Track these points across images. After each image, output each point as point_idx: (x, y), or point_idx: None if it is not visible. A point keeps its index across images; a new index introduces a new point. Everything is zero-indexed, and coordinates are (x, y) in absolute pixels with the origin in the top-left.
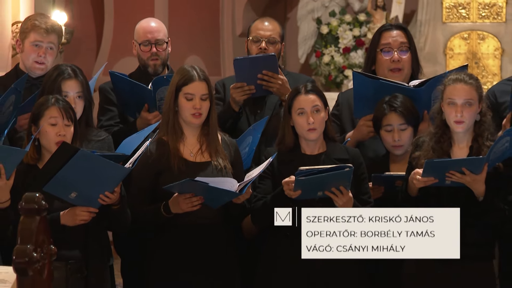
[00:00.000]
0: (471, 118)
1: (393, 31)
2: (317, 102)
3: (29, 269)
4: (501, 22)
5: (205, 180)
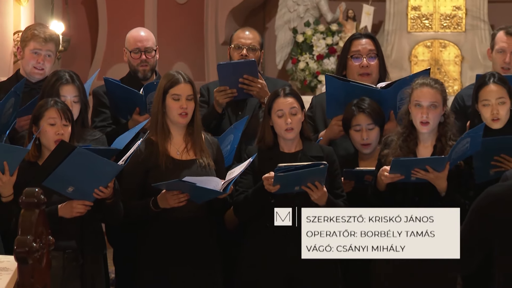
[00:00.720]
0: (435, 120)
1: (362, 39)
2: (294, 105)
3: (29, 258)
4: (461, 31)
5: (193, 180)
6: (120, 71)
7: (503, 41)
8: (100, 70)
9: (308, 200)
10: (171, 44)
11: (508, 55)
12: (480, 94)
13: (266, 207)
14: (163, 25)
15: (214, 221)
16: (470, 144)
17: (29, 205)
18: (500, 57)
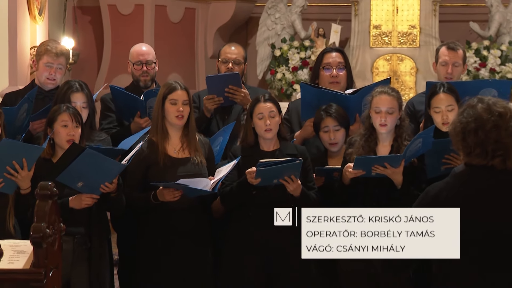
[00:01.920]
0: (392, 123)
1: (333, 53)
2: (273, 109)
3: (43, 242)
4: (415, 47)
5: (185, 182)
6: (122, 81)
7: (445, 55)
8: (105, 80)
9: (285, 192)
10: (166, 57)
11: (450, 67)
12: (432, 101)
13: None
14: (159, 41)
15: (206, 210)
16: (422, 144)
17: (43, 197)
18: (444, 69)
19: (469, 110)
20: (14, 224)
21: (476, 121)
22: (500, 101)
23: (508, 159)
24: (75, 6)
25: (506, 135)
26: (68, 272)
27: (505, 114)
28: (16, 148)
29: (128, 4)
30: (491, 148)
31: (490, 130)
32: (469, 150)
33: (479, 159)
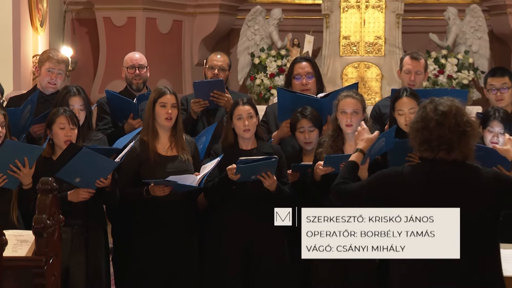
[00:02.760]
0: (357, 123)
1: (302, 62)
2: (251, 111)
3: (44, 232)
4: (381, 56)
5: (174, 179)
6: (116, 86)
7: (409, 64)
8: (100, 85)
9: (262, 187)
10: (156, 65)
11: (413, 75)
12: (396, 105)
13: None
14: (150, 50)
15: (193, 202)
16: (385, 143)
17: (44, 191)
18: (407, 76)
19: (420, 111)
20: (18, 216)
21: (423, 121)
22: (448, 101)
23: (452, 151)
24: (73, 19)
25: (449, 131)
26: (67, 260)
27: (449, 113)
28: (19, 148)
29: (121, 16)
30: (436, 144)
31: (434, 128)
32: (419, 145)
33: (427, 153)
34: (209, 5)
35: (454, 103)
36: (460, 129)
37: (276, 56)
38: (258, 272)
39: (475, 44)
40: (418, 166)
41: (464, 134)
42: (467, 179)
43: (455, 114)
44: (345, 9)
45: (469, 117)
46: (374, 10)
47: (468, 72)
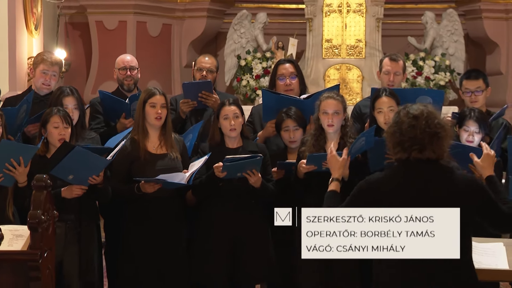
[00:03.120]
0: (338, 123)
1: (286, 64)
2: (236, 111)
3: (39, 227)
4: (361, 58)
5: (164, 177)
6: (108, 87)
7: (388, 65)
8: (93, 86)
9: (247, 183)
10: (146, 66)
11: (391, 76)
12: (375, 104)
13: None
14: (140, 52)
15: (181, 198)
16: (365, 142)
17: (39, 188)
18: (386, 77)
19: (395, 117)
20: (13, 212)
21: (396, 125)
22: (421, 105)
23: (424, 150)
24: (67, 22)
25: (420, 132)
26: (61, 253)
27: (420, 116)
28: (14, 148)
29: (113, 20)
30: (408, 144)
31: (406, 130)
32: (393, 147)
33: (400, 154)
34: (197, 9)
35: (425, 108)
36: (431, 131)
37: (261, 59)
38: (244, 266)
39: (452, 47)
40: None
41: (435, 135)
42: (442, 178)
43: (426, 117)
44: (327, 13)
45: (441, 119)
46: (355, 14)
47: (445, 73)
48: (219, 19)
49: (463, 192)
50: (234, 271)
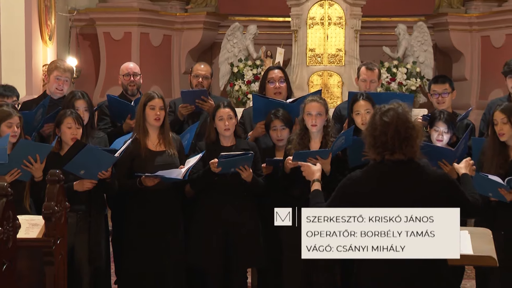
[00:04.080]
0: (321, 123)
1: (275, 70)
2: (230, 113)
3: (53, 217)
4: (341, 65)
5: (162, 173)
6: (114, 92)
7: (364, 74)
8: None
9: (239, 178)
10: (149, 73)
11: (368, 83)
12: (353, 107)
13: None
14: (143, 60)
15: (178, 191)
16: (345, 140)
17: (52, 182)
18: (363, 84)
19: (371, 119)
20: (30, 204)
21: (371, 129)
22: (392, 111)
23: (394, 153)
24: (78, 33)
25: (390, 139)
26: (72, 241)
27: (391, 123)
28: (31, 147)
29: (119, 32)
30: (380, 150)
31: (379, 136)
32: (368, 149)
33: (374, 155)
34: (194, 22)
35: (397, 113)
36: (401, 136)
37: (252, 66)
38: (236, 252)
39: (422, 55)
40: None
41: (405, 139)
42: (414, 176)
43: (396, 124)
44: (311, 25)
45: (411, 122)
46: (336, 26)
47: (416, 79)
48: (214, 31)
49: (435, 186)
50: (227, 255)
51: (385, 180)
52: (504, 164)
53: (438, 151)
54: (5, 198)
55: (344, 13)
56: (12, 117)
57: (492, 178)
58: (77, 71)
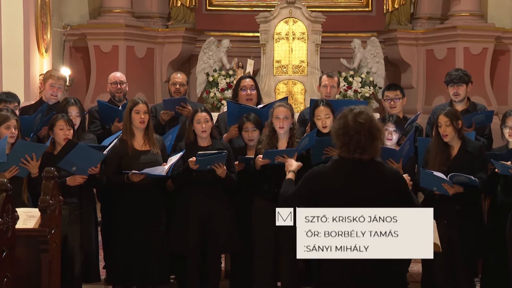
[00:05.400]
0: (287, 126)
1: (247, 79)
2: (207, 116)
3: (48, 209)
4: (304, 75)
5: (147, 171)
6: (103, 98)
7: (325, 80)
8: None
9: (215, 174)
10: (134, 81)
11: (328, 88)
12: (315, 112)
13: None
14: (129, 70)
15: (162, 185)
16: (309, 141)
17: (48, 178)
18: (324, 89)
19: (342, 119)
20: (27, 197)
21: (344, 128)
22: (364, 112)
23: (365, 153)
24: (71, 46)
25: (364, 138)
26: (65, 230)
27: (365, 124)
28: (28, 146)
29: (107, 45)
30: (353, 147)
31: (353, 135)
32: (340, 147)
33: (345, 153)
34: (174, 36)
35: (369, 116)
36: (372, 137)
37: (225, 75)
38: (212, 238)
39: (374, 66)
40: (338, 164)
41: (375, 139)
42: (376, 173)
43: (369, 125)
44: (277, 40)
45: (378, 124)
46: (299, 40)
47: (369, 87)
48: (192, 44)
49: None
50: (204, 242)
51: (352, 177)
52: (447, 161)
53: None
54: (4, 193)
55: (307, 29)
56: (10, 120)
57: (437, 174)
58: (70, 80)
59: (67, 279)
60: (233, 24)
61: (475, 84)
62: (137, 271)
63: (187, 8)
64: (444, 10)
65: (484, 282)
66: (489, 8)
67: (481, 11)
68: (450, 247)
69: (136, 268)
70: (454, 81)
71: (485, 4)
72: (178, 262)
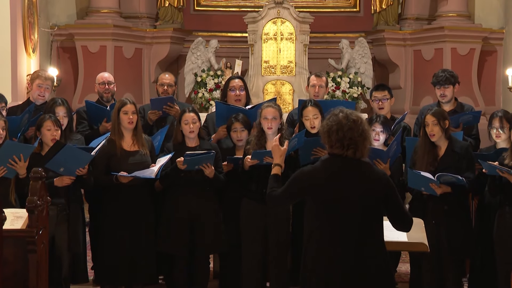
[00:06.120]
0: (276, 126)
1: (236, 79)
2: (195, 117)
3: (35, 210)
4: (292, 75)
5: (136, 173)
6: (91, 98)
7: (314, 80)
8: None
9: (203, 174)
10: (122, 82)
11: (317, 88)
12: (303, 112)
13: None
14: (117, 70)
15: (150, 186)
16: (297, 141)
17: (35, 178)
18: (312, 89)
19: (333, 117)
20: (15, 198)
21: (338, 125)
22: (355, 112)
23: (357, 151)
24: (58, 46)
25: (357, 135)
26: (53, 231)
27: (357, 121)
28: (16, 147)
29: (95, 45)
30: (346, 143)
31: (347, 131)
32: (332, 144)
33: (338, 150)
34: (162, 37)
35: (360, 116)
36: (364, 134)
37: (213, 76)
38: (200, 237)
39: (362, 67)
40: (328, 163)
41: (365, 138)
42: (365, 173)
43: (361, 123)
44: (266, 40)
45: (367, 124)
46: (287, 41)
47: (357, 88)
48: (180, 45)
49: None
50: (192, 242)
51: (341, 175)
52: (434, 162)
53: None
54: None
55: (295, 29)
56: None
57: (424, 174)
58: (57, 80)
59: (55, 279)
60: (221, 25)
61: (462, 84)
62: (125, 271)
63: (175, 9)
64: (432, 10)
65: (472, 282)
66: (476, 9)
67: (468, 12)
68: (438, 247)
69: (124, 268)
70: (440, 83)
71: (472, 5)
72: (166, 263)
